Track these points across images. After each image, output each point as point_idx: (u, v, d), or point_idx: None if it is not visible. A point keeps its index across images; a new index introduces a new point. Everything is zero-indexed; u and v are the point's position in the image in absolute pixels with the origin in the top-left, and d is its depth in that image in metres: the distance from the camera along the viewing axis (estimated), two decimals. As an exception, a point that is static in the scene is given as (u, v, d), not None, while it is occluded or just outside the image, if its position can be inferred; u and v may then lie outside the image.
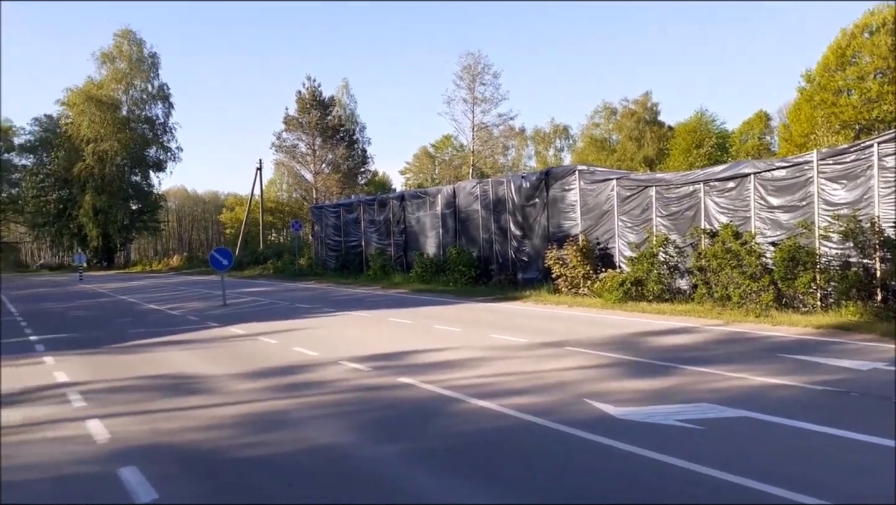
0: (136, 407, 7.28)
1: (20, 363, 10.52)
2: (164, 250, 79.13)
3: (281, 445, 5.78)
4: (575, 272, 17.27)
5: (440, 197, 24.44)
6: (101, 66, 58.13)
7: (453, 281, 21.74)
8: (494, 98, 46.93)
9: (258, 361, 9.85)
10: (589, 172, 18.57)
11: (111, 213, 56.83)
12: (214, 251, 20.80)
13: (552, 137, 77.83)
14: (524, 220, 20.41)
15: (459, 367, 8.83)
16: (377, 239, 28.39)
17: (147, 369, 9.55)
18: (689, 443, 5.37)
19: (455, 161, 68.28)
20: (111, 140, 54.94)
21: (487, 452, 5.34)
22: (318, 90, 54.91)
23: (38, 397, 7.93)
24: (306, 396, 7.53)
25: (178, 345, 11.99)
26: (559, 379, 7.90)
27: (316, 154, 55.02)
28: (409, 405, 6.96)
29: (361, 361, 9.47)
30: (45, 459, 5.54)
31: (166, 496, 4.58)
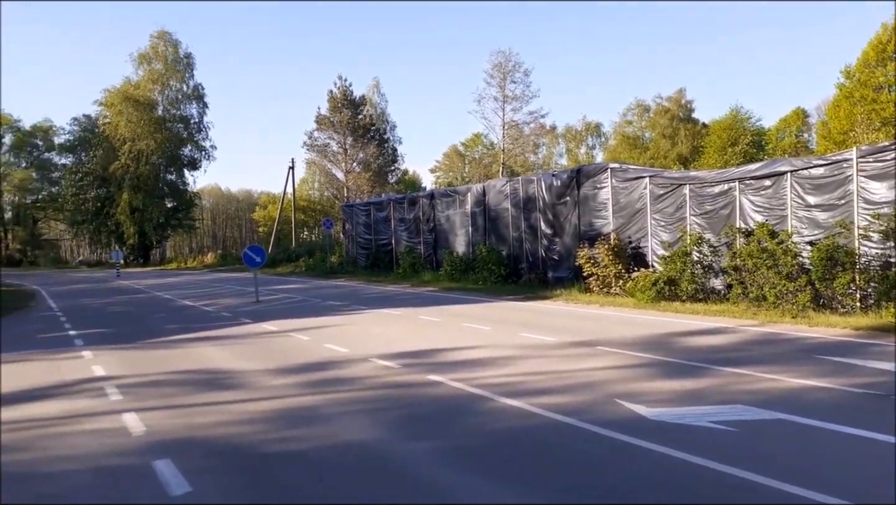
0: (170, 401, 7.42)
1: (59, 357, 10.79)
2: (199, 248, 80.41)
3: (311, 441, 5.83)
4: (606, 271, 17.11)
5: (470, 195, 24.41)
6: (137, 66, 59.31)
7: (483, 279, 21.70)
8: (525, 96, 46.71)
9: (290, 358, 9.95)
10: (621, 170, 18.38)
11: (147, 211, 57.93)
12: (248, 249, 21.10)
13: (584, 135, 77.26)
14: (555, 219, 20.28)
15: (489, 365, 8.81)
16: (407, 237, 28.48)
17: (181, 364, 9.72)
18: (722, 445, 5.28)
19: (485, 159, 68.19)
20: (147, 139, 56.00)
21: (516, 451, 5.32)
22: (350, 89, 55.31)
23: (76, 391, 8.13)
24: (337, 393, 7.59)
25: (212, 341, 12.18)
26: (590, 379, 7.84)
27: (347, 153, 55.40)
28: (438, 403, 6.96)
29: (391, 358, 9.51)
30: (83, 450, 5.68)
31: (199, 489, 4.65)
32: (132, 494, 4.60)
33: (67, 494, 4.65)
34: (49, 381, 8.78)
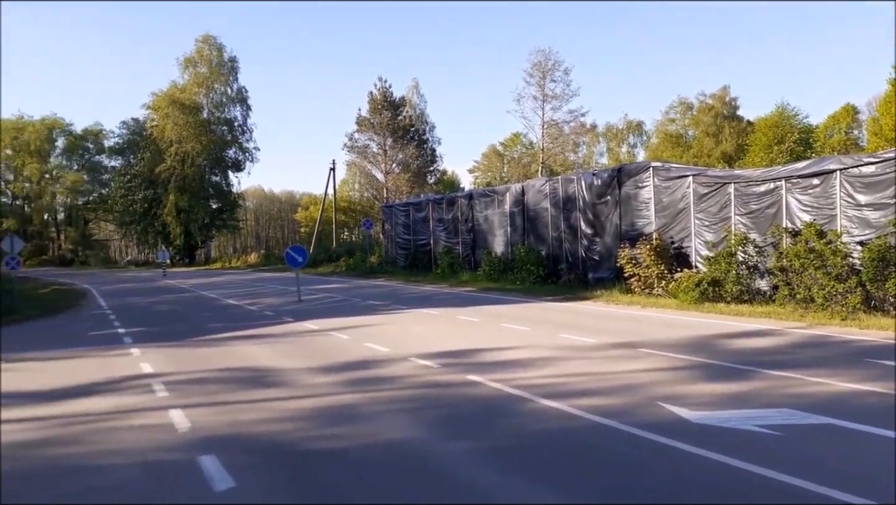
0: (215, 398, 7.58)
1: (109, 354, 11.12)
2: (243, 248, 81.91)
3: (351, 439, 5.89)
4: (648, 272, 16.87)
5: (508, 195, 24.34)
6: (183, 70, 60.70)
7: (521, 280, 21.61)
8: (565, 95, 46.33)
9: (331, 356, 10.07)
10: (664, 169, 18.09)
11: (193, 212, 59.24)
12: (290, 249, 21.42)
13: (625, 134, 76.31)
14: (595, 219, 20.08)
15: (528, 366, 8.77)
16: (445, 237, 28.54)
17: (226, 362, 9.92)
18: (768, 449, 5.16)
19: (524, 159, 67.83)
20: (193, 142, 57.25)
21: (556, 452, 5.29)
22: (389, 91, 55.67)
23: (125, 387, 8.37)
24: (376, 392, 7.65)
25: (255, 339, 12.40)
26: (631, 381, 7.74)
27: (387, 154, 55.79)
28: (477, 403, 6.97)
29: (430, 357, 9.55)
30: (131, 445, 5.84)
31: (242, 485, 4.75)
32: (178, 489, 4.72)
33: (116, 487, 4.79)
34: (99, 377, 9.05)
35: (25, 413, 7.13)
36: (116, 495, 4.63)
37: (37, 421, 6.80)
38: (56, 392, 8.11)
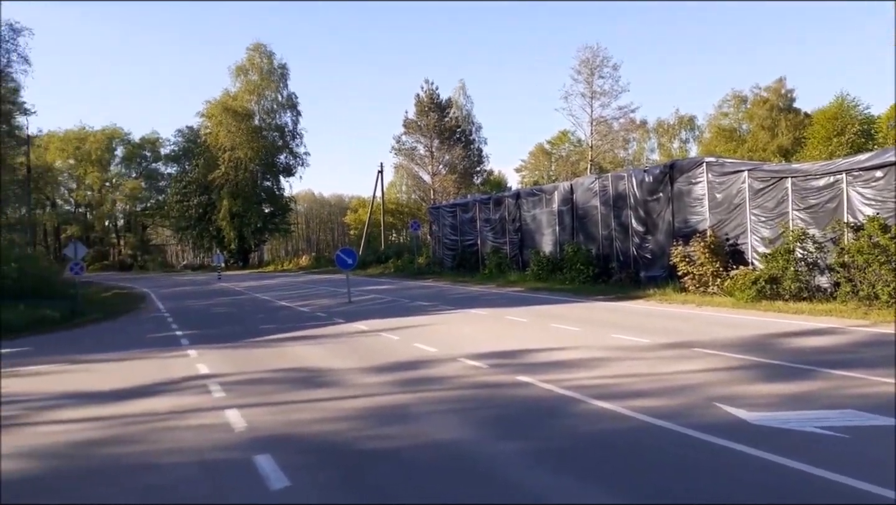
0: (269, 398, 7.72)
1: (167, 356, 11.46)
2: (294, 251, 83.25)
3: (403, 439, 5.92)
4: (703, 270, 16.47)
5: (557, 194, 24.11)
6: (235, 78, 62.05)
7: (570, 279, 21.38)
8: (614, 91, 45.61)
9: (381, 357, 10.15)
10: (718, 164, 17.64)
11: (246, 216, 60.55)
12: (340, 251, 21.71)
13: (676, 129, 74.68)
14: (647, 216, 19.71)
15: (579, 367, 8.66)
16: (493, 237, 28.46)
17: (279, 363, 10.10)
18: (831, 451, 4.97)
19: (572, 157, 67.18)
20: (245, 148, 58.51)
21: (610, 454, 5.20)
22: (436, 92, 55.87)
23: (183, 387, 8.60)
24: (426, 392, 7.67)
25: (308, 340, 12.60)
26: (686, 381, 7.56)
27: (433, 156, 56.00)
28: (527, 404, 6.91)
29: (479, 358, 9.52)
30: (189, 444, 5.99)
31: (297, 484, 4.81)
32: (234, 488, 4.81)
33: (174, 486, 4.91)
34: (159, 378, 9.33)
35: (89, 413, 7.39)
36: (174, 494, 4.75)
37: (100, 420, 7.05)
38: (118, 392, 8.38)
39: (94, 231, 76.68)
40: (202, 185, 62.07)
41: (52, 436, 6.49)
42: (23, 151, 44.57)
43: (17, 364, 11.59)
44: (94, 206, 77.01)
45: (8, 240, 35.30)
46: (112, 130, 76.46)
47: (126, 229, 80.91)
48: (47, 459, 5.74)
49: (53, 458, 5.79)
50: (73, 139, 73.58)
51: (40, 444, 6.23)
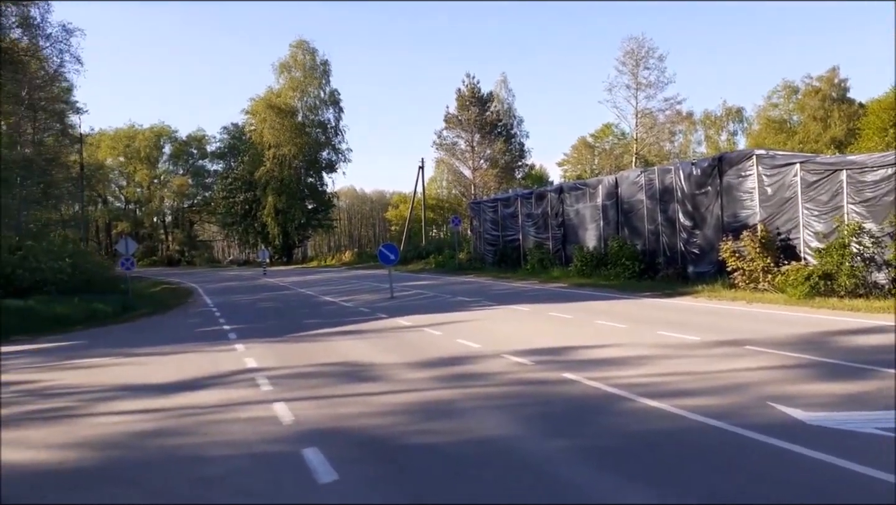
0: (316, 392, 7.80)
1: (216, 350, 11.69)
2: (336, 246, 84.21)
3: (449, 434, 5.90)
4: (753, 265, 16.04)
5: (601, 188, 23.78)
6: (278, 75, 62.88)
7: (615, 275, 21.08)
8: (660, 82, 44.82)
9: (424, 352, 10.16)
10: (768, 157, 17.15)
11: (290, 212, 61.41)
12: (382, 247, 21.84)
13: (724, 121, 72.93)
14: (695, 210, 19.30)
15: (626, 364, 8.52)
16: (535, 233, 28.25)
17: (325, 357, 10.20)
18: (893, 453, 4.76)
19: (616, 150, 66.22)
20: (289, 145, 59.30)
21: (660, 454, 5.09)
22: (477, 87, 55.69)
23: (232, 381, 8.75)
24: (471, 388, 7.64)
25: (352, 335, 12.70)
26: (738, 380, 7.36)
27: (474, 150, 55.87)
28: (573, 401, 6.82)
29: (523, 354, 9.44)
30: (239, 437, 6.08)
31: (345, 477, 4.84)
32: (284, 481, 4.86)
33: (225, 478, 4.99)
34: (208, 371, 9.52)
35: (143, 405, 7.58)
36: (225, 486, 4.82)
37: (153, 412, 7.22)
38: (170, 385, 8.58)
39: (143, 227, 78.83)
40: (247, 181, 63.14)
41: (108, 427, 6.67)
42: (76, 150, 46.01)
43: (73, 356, 11.98)
44: (143, 202, 79.16)
45: (62, 236, 36.53)
46: (160, 128, 78.46)
47: (174, 225, 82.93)
48: (105, 450, 5.90)
49: (110, 448, 5.95)
50: (123, 137, 75.73)
51: (97, 434, 6.41)
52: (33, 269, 23.33)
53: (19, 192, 26.97)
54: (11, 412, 7.58)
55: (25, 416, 7.37)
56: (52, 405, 7.90)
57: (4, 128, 30.45)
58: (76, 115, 44.42)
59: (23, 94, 28.74)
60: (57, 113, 38.30)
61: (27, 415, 7.41)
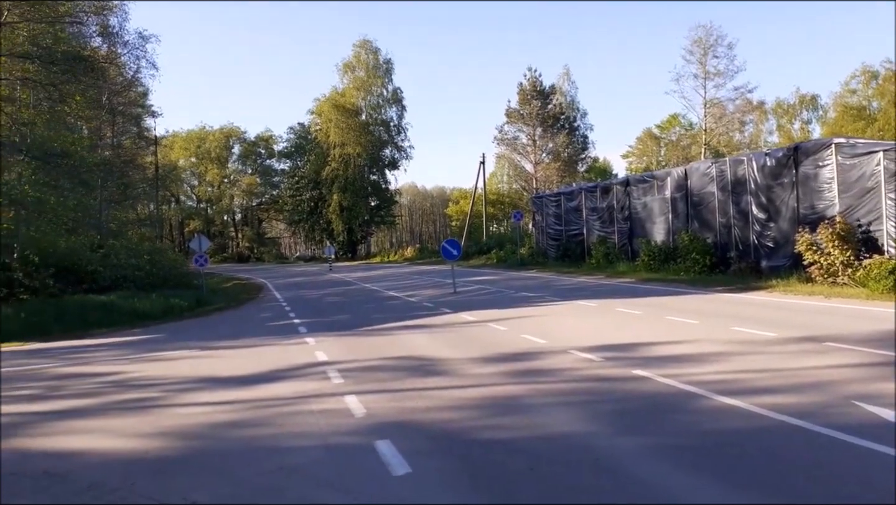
0: (386, 385, 7.91)
1: (287, 343, 12.00)
2: (399, 242, 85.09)
3: (519, 430, 5.88)
4: (831, 259, 15.37)
5: (669, 180, 23.21)
6: (343, 75, 63.99)
7: (685, 269, 20.55)
8: (729, 71, 43.28)
9: (490, 347, 10.16)
10: (848, 146, 16.37)
11: (354, 209, 62.48)
12: (445, 242, 21.96)
13: (797, 109, 69.98)
14: (769, 202, 18.61)
15: (699, 361, 8.30)
16: (599, 227, 27.82)
17: (392, 351, 10.33)
18: None
19: (683, 141, 64.43)
20: (354, 144, 60.27)
21: (739, 453, 4.94)
22: (539, 80, 55.27)
23: (304, 374, 8.97)
24: (539, 383, 7.60)
25: (417, 329, 12.81)
26: (819, 378, 7.07)
27: (536, 144, 55.42)
28: (646, 399, 6.69)
29: (591, 350, 9.32)
30: (314, 428, 6.23)
31: (418, 471, 4.88)
32: (359, 473, 4.95)
33: (303, 469, 5.10)
34: (281, 364, 9.78)
35: (221, 396, 7.85)
36: (303, 476, 4.94)
37: (231, 404, 7.47)
38: (245, 378, 8.85)
39: (214, 225, 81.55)
40: (313, 180, 64.53)
41: (189, 417, 6.95)
42: (151, 151, 48.00)
43: (153, 349, 12.52)
44: (213, 201, 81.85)
45: (139, 234, 38.18)
46: (229, 129, 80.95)
47: (243, 223, 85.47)
48: (186, 439, 6.15)
49: (192, 438, 6.20)
50: (194, 138, 78.52)
51: (179, 424, 6.68)
52: (114, 266, 24.47)
53: (100, 193, 28.31)
54: (98, 402, 7.99)
55: (111, 406, 7.74)
56: (135, 396, 8.26)
57: (86, 132, 32.02)
58: (151, 118, 46.33)
59: (103, 99, 30.14)
60: (134, 117, 40.05)
61: (112, 405, 7.78)
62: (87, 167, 23.81)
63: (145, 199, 49.62)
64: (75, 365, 11.05)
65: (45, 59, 20.88)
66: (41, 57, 20.91)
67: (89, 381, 9.52)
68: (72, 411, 7.45)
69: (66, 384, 9.23)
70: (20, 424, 6.98)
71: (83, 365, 11.02)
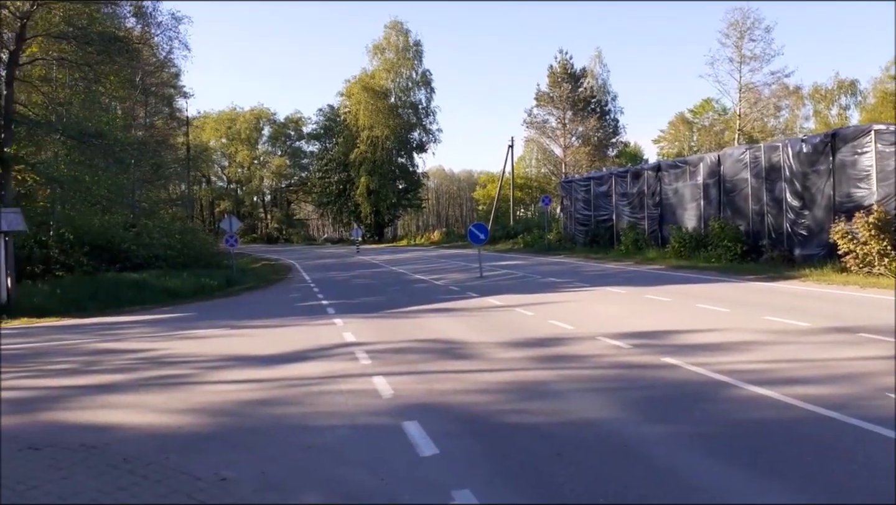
0: (413, 367, 7.96)
1: (316, 324, 12.12)
2: (425, 226, 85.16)
3: (546, 415, 5.89)
4: (868, 248, 15.02)
5: (702, 166, 22.83)
6: (372, 57, 63.81)
7: (716, 257, 20.26)
8: (766, 55, 42.30)
9: (517, 332, 10.15)
10: (888, 132, 15.92)
11: (382, 192, 62.58)
12: (472, 226, 21.91)
13: (835, 94, 68.19)
14: (804, 190, 18.22)
15: (730, 350, 8.20)
16: (629, 212, 27.51)
17: (419, 333, 10.38)
18: None
19: (716, 126, 63.25)
20: (382, 126, 60.24)
21: (771, 443, 4.88)
22: (570, 63, 54.57)
23: (332, 354, 9.06)
24: (566, 369, 7.58)
25: (444, 312, 12.85)
26: (853, 369, 6.95)
27: (566, 127, 54.85)
28: (675, 387, 6.64)
29: (619, 337, 9.25)
30: (342, 408, 6.30)
31: (445, 452, 4.91)
32: (387, 453, 4.99)
33: (331, 448, 5.17)
34: (310, 344, 9.89)
35: (251, 375, 7.97)
36: (331, 455, 5.00)
37: (261, 382, 7.59)
38: (274, 357, 8.97)
39: (243, 206, 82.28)
40: (342, 162, 64.75)
41: (221, 395, 7.07)
42: (183, 132, 48.54)
43: (184, 327, 12.75)
44: (243, 182, 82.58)
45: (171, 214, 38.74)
46: (259, 111, 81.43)
47: (272, 204, 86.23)
48: (218, 416, 6.26)
49: (223, 415, 6.31)
50: (225, 119, 79.15)
51: (210, 401, 6.80)
52: (146, 245, 24.91)
53: (133, 173, 28.75)
54: (132, 378, 8.16)
55: (144, 381, 7.91)
56: (167, 372, 8.43)
57: (120, 112, 32.49)
58: (183, 99, 46.83)
59: (136, 79, 30.52)
60: (166, 97, 40.51)
61: (146, 381, 7.94)
62: (122, 147, 24.19)
63: (177, 180, 50.19)
64: (110, 341, 11.30)
65: (80, 39, 21.18)
66: (77, 37, 21.21)
67: (123, 357, 9.73)
68: (107, 386, 7.62)
69: (102, 360, 9.44)
70: (58, 398, 7.18)
71: (117, 341, 11.27)
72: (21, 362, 9.61)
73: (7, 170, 19.89)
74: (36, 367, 9.20)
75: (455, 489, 4.20)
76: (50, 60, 23.44)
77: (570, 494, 4.12)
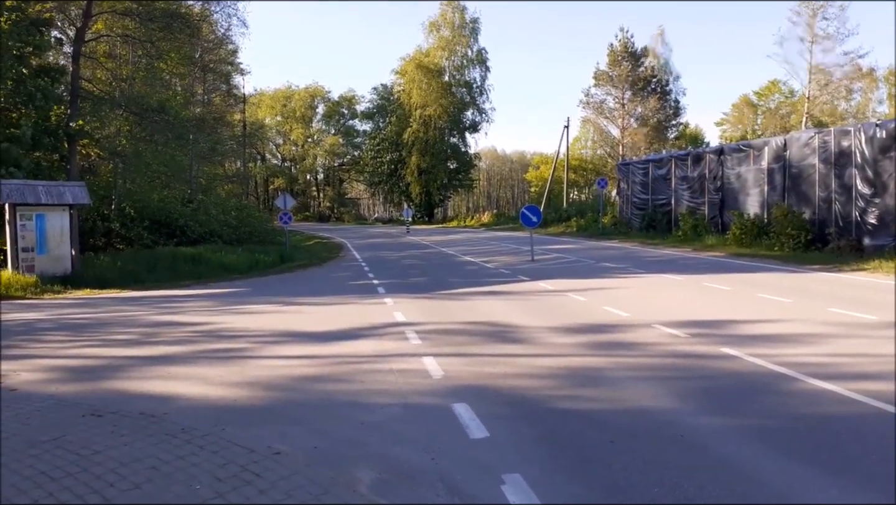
0: (463, 349, 7.93)
1: (367, 302, 12.21)
2: (475, 207, 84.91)
3: (599, 402, 5.79)
4: (943, 240, 14.25)
5: (767, 150, 21.99)
6: (428, 34, 63.46)
7: (779, 245, 19.55)
8: (839, 34, 40.17)
9: (569, 317, 10.00)
10: (971, 117, 15.01)
11: (433, 172, 62.53)
12: (525, 208, 21.69)
13: (911, 77, 64.65)
14: (876, 177, 17.36)
15: (792, 342, 7.89)
16: (689, 197, 26.78)
17: (469, 316, 10.33)
18: None
19: (782, 109, 60.88)
20: (435, 105, 60.02)
21: (834, 439, 4.68)
22: (631, 41, 53.19)
23: (383, 333, 9.11)
24: (620, 357, 7.42)
25: (494, 295, 12.77)
26: (925, 366, 6.60)
27: (624, 108, 53.62)
28: (734, 378, 6.43)
29: (677, 326, 9.01)
30: (392, 387, 6.32)
31: (496, 435, 4.88)
32: (437, 433, 4.98)
33: (382, 425, 5.18)
34: (361, 323, 9.97)
35: (304, 351, 8.08)
36: (382, 432, 5.02)
37: (313, 358, 7.68)
38: (327, 334, 9.07)
39: (297, 184, 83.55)
40: (394, 142, 64.86)
41: (274, 369, 7.18)
42: (239, 109, 49.37)
43: (239, 302, 13.02)
44: (297, 160, 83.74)
45: (227, 190, 39.60)
46: (314, 89, 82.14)
47: (325, 183, 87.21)
48: (271, 390, 6.36)
49: (277, 389, 6.40)
50: (280, 97, 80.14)
51: (264, 375, 6.91)
52: (203, 221, 25.54)
53: (191, 149, 29.41)
54: (189, 350, 8.37)
55: (201, 354, 8.10)
56: (223, 346, 8.61)
57: (179, 88, 33.22)
58: (240, 76, 47.50)
59: (196, 56, 31.11)
60: (224, 74, 41.17)
61: (203, 353, 8.14)
62: (181, 123, 24.77)
63: (233, 157, 51.19)
64: (167, 314, 11.62)
65: (144, 16, 21.67)
66: (140, 14, 21.70)
67: (181, 329, 9.99)
68: (165, 358, 7.83)
69: (160, 332, 9.72)
70: (119, 367, 7.40)
71: (175, 314, 11.58)
72: (85, 332, 9.98)
73: (73, 144, 20.61)
74: (99, 336, 9.53)
75: (506, 473, 4.16)
76: (114, 37, 24.07)
77: (623, 483, 4.03)
